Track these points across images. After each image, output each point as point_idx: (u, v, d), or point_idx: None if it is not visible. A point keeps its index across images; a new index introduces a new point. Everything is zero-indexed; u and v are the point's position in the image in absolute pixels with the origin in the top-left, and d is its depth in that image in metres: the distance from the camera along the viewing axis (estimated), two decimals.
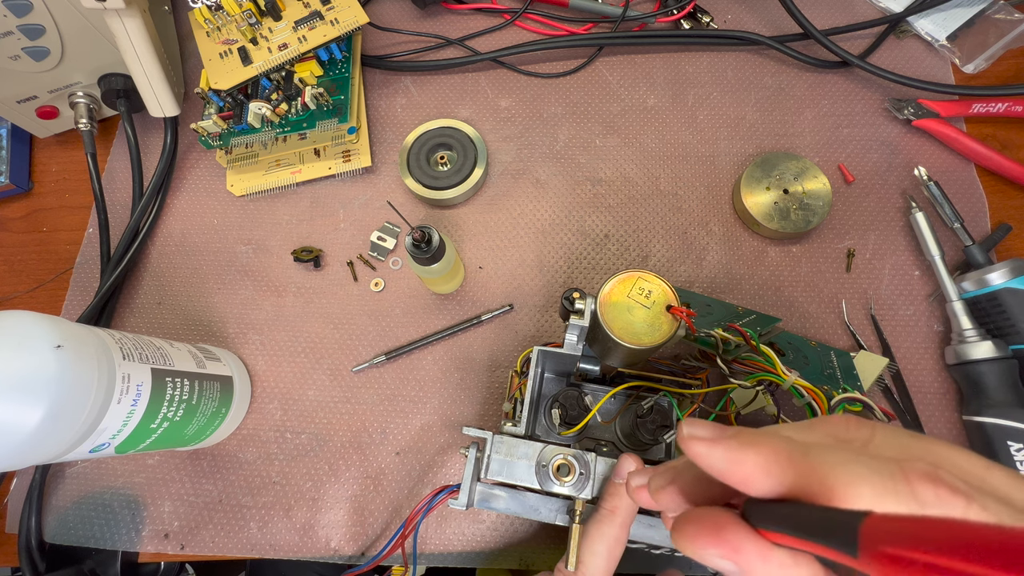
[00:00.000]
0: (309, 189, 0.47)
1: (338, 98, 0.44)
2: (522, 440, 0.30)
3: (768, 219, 0.42)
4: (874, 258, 0.42)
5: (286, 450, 0.41)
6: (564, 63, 0.50)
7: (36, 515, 0.39)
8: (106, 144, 0.50)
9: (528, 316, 0.43)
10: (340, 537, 0.39)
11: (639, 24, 0.50)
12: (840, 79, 0.48)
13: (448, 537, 0.38)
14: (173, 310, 0.45)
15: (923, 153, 0.45)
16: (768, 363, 0.29)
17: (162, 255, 0.46)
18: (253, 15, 0.43)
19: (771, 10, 0.50)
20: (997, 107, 0.44)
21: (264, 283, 0.45)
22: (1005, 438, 0.34)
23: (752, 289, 0.42)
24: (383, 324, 0.43)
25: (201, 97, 0.44)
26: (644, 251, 0.44)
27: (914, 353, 0.40)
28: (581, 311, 0.29)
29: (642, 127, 0.47)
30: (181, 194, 0.48)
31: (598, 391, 0.36)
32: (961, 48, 0.47)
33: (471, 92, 0.49)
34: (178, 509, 0.40)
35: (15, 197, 0.50)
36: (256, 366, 0.43)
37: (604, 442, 0.35)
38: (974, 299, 0.38)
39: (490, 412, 0.41)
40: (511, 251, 0.45)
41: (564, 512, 0.29)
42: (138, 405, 0.30)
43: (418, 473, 0.40)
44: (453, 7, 0.52)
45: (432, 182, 0.44)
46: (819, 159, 0.45)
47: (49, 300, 0.46)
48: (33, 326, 0.26)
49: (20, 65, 0.41)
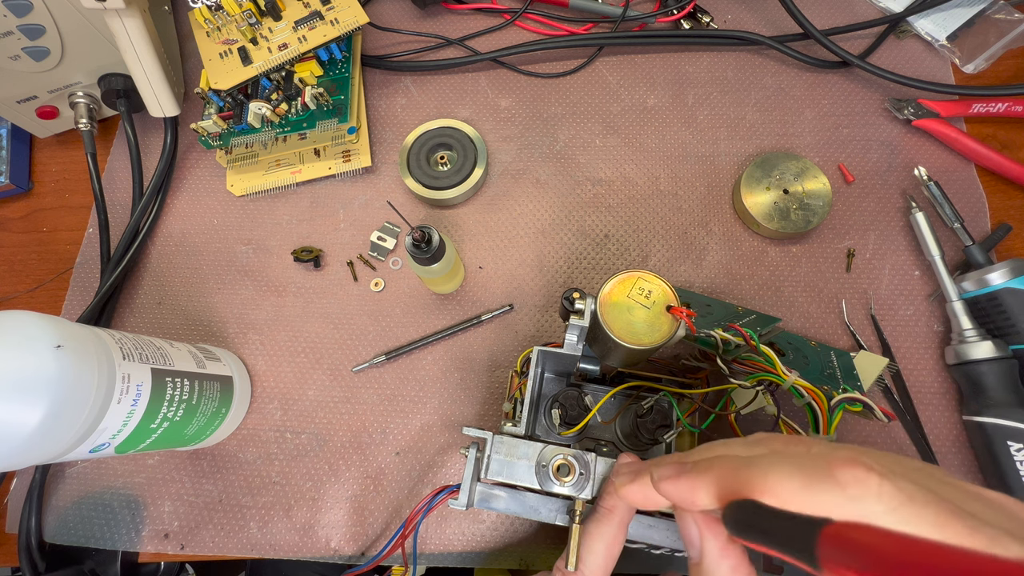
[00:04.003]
0: (309, 189, 0.47)
1: (338, 98, 0.44)
2: (522, 440, 0.30)
3: (768, 219, 0.42)
4: (874, 258, 0.42)
5: (286, 450, 0.41)
6: (564, 63, 0.50)
7: (36, 515, 0.39)
8: (106, 144, 0.50)
9: (528, 316, 0.43)
10: (340, 537, 0.39)
11: (639, 24, 0.50)
12: (840, 79, 0.48)
13: (448, 537, 0.38)
14: (173, 310, 0.45)
15: (923, 153, 0.45)
16: (768, 363, 0.29)
17: (162, 255, 0.46)
18: (253, 15, 0.43)
19: (771, 10, 0.50)
20: (997, 107, 0.44)
21: (264, 283, 0.45)
22: (1005, 438, 0.34)
23: (752, 289, 0.42)
24: (383, 324, 0.43)
25: (201, 97, 0.44)
26: (644, 251, 0.44)
27: (914, 353, 0.40)
28: (581, 311, 0.29)
29: (642, 127, 0.47)
30: (181, 194, 0.48)
31: (598, 391, 0.36)
32: (961, 48, 0.47)
33: (471, 92, 0.49)
34: (178, 509, 0.40)
35: (15, 197, 0.50)
36: (256, 366, 0.43)
37: (604, 442, 0.35)
38: (974, 299, 0.38)
39: (490, 412, 0.41)
40: (511, 251, 0.45)
41: (564, 512, 0.29)
42: (138, 405, 0.30)
43: (418, 473, 0.40)
44: (453, 7, 0.52)
45: (432, 182, 0.44)
46: (819, 159, 0.45)
47: (49, 300, 0.46)
48: (33, 326, 0.26)
49: (20, 65, 0.41)
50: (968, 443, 0.38)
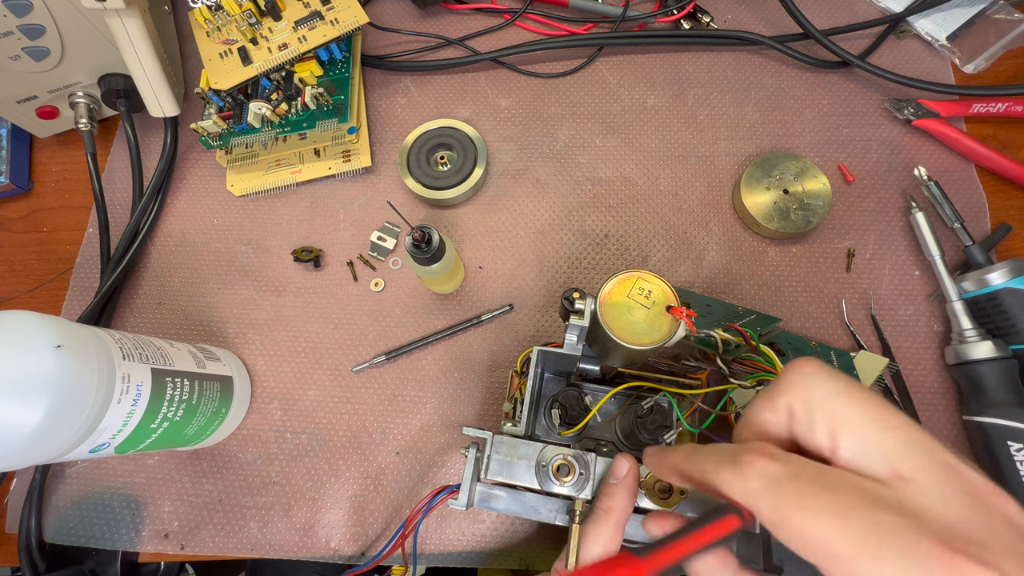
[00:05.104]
0: (309, 189, 0.47)
1: (338, 98, 0.44)
2: (522, 440, 0.30)
3: (768, 219, 0.42)
4: (874, 258, 0.42)
5: (286, 450, 0.41)
6: (564, 63, 0.50)
7: (36, 515, 0.39)
8: (106, 144, 0.50)
9: (528, 316, 0.43)
10: (340, 537, 0.39)
11: (639, 24, 0.50)
12: (840, 79, 0.48)
13: (448, 537, 0.38)
14: (173, 310, 0.45)
15: (923, 153, 0.45)
16: (768, 363, 0.29)
17: (162, 255, 0.46)
18: (253, 15, 0.43)
19: (771, 10, 0.50)
20: (997, 107, 0.44)
21: (264, 283, 0.45)
22: (1005, 438, 0.34)
23: (752, 289, 0.42)
24: (383, 324, 0.43)
25: (201, 97, 0.44)
26: (644, 251, 0.44)
27: (914, 353, 0.40)
28: (581, 311, 0.29)
29: (642, 127, 0.47)
30: (181, 194, 0.48)
31: (598, 391, 0.36)
32: (961, 48, 0.47)
33: (471, 92, 0.49)
34: (178, 509, 0.40)
35: (15, 197, 0.50)
36: (256, 366, 0.43)
37: (604, 442, 0.35)
38: (974, 299, 0.38)
39: (490, 412, 0.41)
40: (511, 251, 0.45)
41: (564, 512, 0.29)
42: (138, 405, 0.30)
43: (418, 473, 0.40)
44: (453, 7, 0.52)
45: (432, 182, 0.44)
46: (819, 159, 0.45)
47: (49, 300, 0.46)
48: (33, 326, 0.26)
49: (20, 65, 0.41)
50: (968, 443, 0.38)
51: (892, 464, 0.17)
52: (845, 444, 0.18)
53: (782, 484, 0.17)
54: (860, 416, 0.18)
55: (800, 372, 0.19)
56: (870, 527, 0.15)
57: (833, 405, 0.18)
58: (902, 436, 0.17)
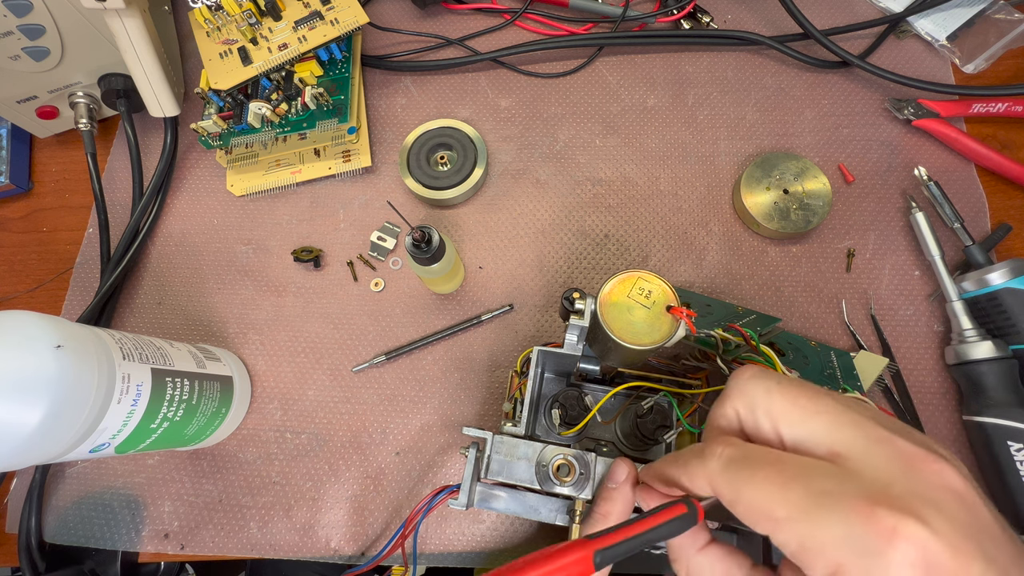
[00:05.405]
0: (309, 189, 0.47)
1: (338, 98, 0.44)
2: (522, 440, 0.30)
3: (768, 219, 0.42)
4: (874, 258, 0.42)
5: (286, 450, 0.41)
6: (564, 63, 0.50)
7: (36, 515, 0.39)
8: (106, 144, 0.50)
9: (528, 316, 0.43)
10: (340, 537, 0.39)
11: (639, 24, 0.50)
12: (840, 79, 0.48)
13: (448, 537, 0.38)
14: (173, 310, 0.45)
15: (923, 153, 0.45)
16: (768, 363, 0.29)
17: (162, 255, 0.46)
18: (253, 15, 0.43)
19: (771, 10, 0.50)
20: (997, 107, 0.44)
21: (264, 283, 0.45)
22: (1005, 438, 0.34)
23: (752, 289, 0.42)
24: (383, 324, 0.43)
25: (201, 97, 0.44)
26: (644, 251, 0.44)
27: (914, 353, 0.40)
28: (581, 311, 0.29)
29: (642, 127, 0.47)
30: (181, 194, 0.48)
31: (598, 391, 0.36)
32: (961, 48, 0.47)
33: (471, 92, 0.49)
34: (178, 509, 0.40)
35: (15, 197, 0.50)
36: (256, 366, 0.43)
37: (604, 442, 0.35)
38: (974, 299, 0.38)
39: (490, 412, 0.41)
40: (511, 251, 0.45)
41: (564, 512, 0.29)
42: (138, 405, 0.30)
43: (418, 473, 0.40)
44: (453, 7, 0.52)
45: (432, 182, 0.44)
46: (819, 159, 0.45)
47: (49, 300, 0.46)
48: (33, 326, 0.26)
49: (20, 65, 0.41)
50: (968, 443, 0.38)
51: (828, 445, 0.19)
52: (786, 434, 0.20)
53: (736, 463, 0.19)
54: (791, 407, 0.20)
55: (739, 378, 0.22)
56: (805, 492, 0.17)
57: (769, 403, 0.20)
58: (832, 418, 0.19)
